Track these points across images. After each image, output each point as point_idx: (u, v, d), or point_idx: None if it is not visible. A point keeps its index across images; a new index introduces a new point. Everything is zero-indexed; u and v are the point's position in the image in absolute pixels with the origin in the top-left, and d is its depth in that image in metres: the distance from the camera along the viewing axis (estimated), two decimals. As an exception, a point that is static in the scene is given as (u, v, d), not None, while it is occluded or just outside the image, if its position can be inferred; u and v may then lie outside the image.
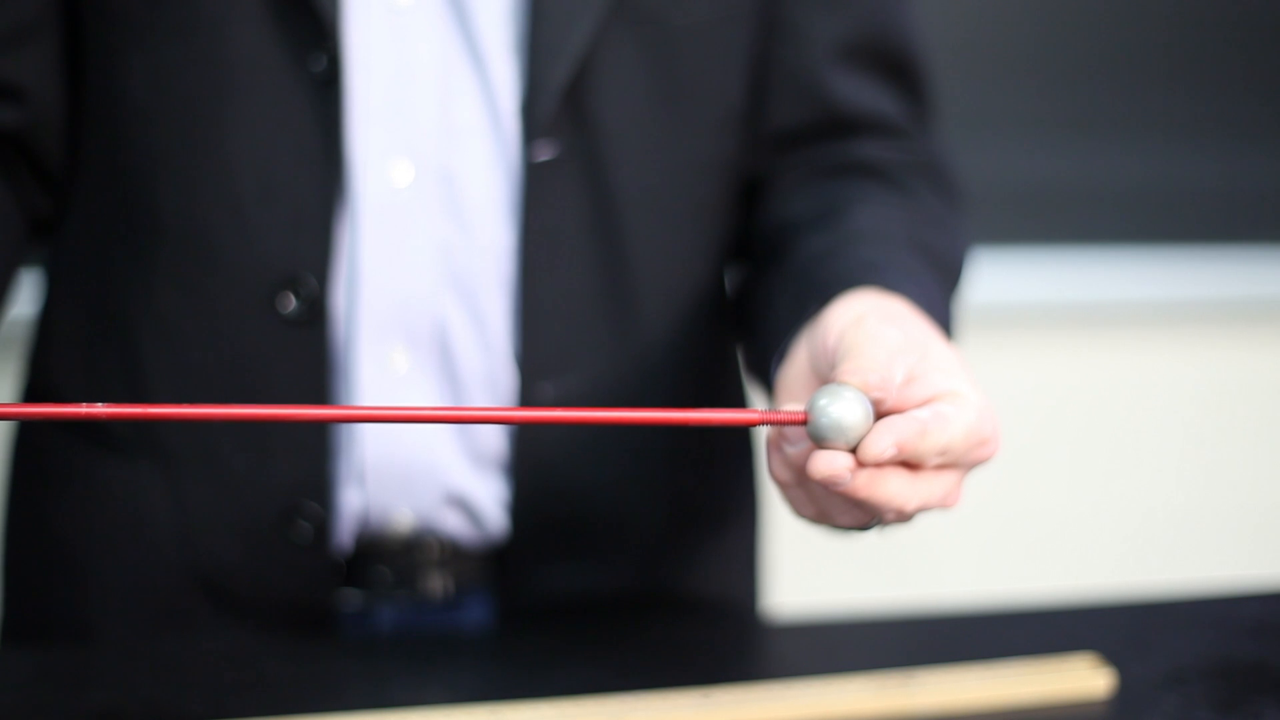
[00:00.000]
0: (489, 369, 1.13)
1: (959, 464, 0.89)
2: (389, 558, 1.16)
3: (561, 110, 1.10)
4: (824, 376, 0.93)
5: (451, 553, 1.17)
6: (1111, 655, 1.06)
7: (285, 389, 1.10)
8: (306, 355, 1.10)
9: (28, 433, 1.23)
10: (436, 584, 1.17)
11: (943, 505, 0.89)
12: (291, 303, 1.10)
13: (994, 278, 2.16)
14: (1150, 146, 2.28)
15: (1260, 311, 2.38)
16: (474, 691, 1.04)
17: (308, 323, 1.10)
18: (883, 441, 0.84)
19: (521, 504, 1.15)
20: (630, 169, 1.13)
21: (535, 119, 1.10)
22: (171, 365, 1.13)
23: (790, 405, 0.93)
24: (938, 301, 1.02)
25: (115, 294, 1.14)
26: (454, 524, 1.16)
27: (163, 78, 1.09)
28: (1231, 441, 2.41)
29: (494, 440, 1.14)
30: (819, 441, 0.84)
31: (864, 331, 0.90)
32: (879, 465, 0.85)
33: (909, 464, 0.87)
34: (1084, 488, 2.39)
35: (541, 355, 1.13)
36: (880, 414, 0.86)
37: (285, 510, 1.13)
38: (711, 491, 1.25)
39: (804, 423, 0.85)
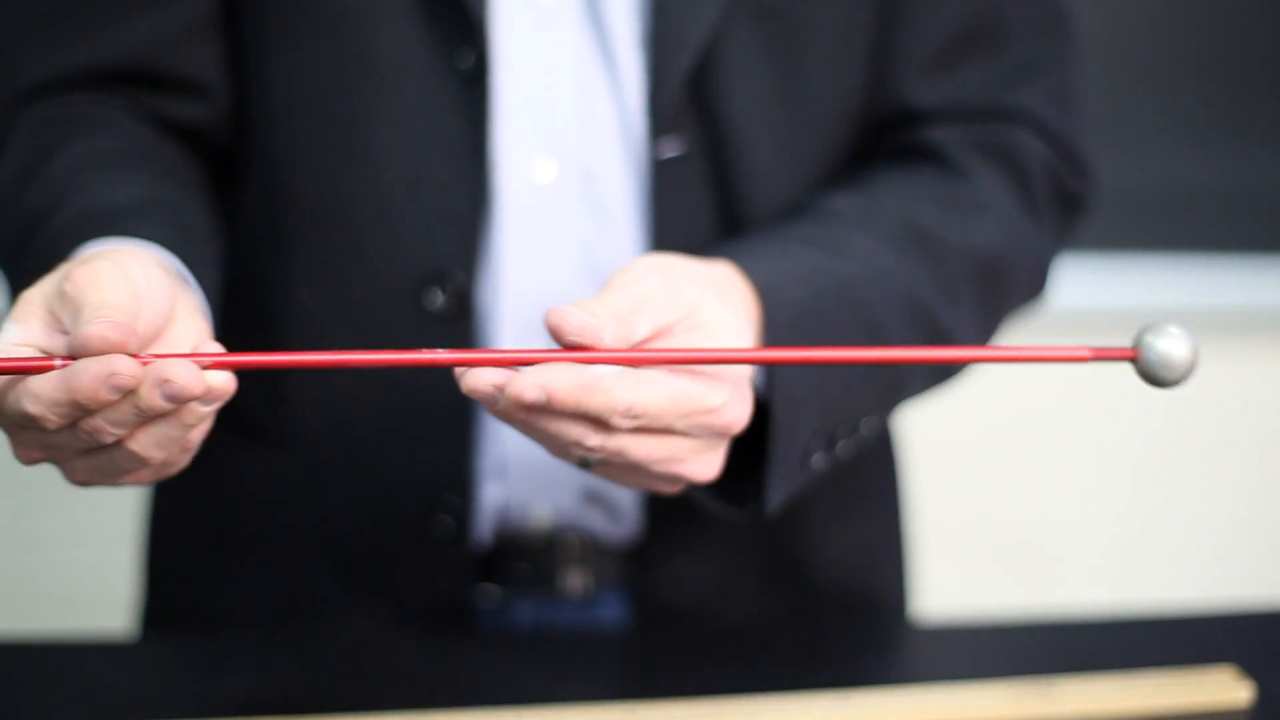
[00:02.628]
0: (627, 366, 1.13)
1: (683, 432, 0.88)
2: (528, 554, 1.16)
3: (685, 105, 1.10)
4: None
5: (591, 549, 1.17)
6: (1251, 667, 1.05)
7: (428, 385, 1.11)
8: (452, 351, 1.11)
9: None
10: (575, 581, 1.17)
11: (692, 475, 0.90)
12: (438, 298, 1.10)
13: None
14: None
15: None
16: (611, 690, 1.04)
17: (454, 318, 1.10)
18: (526, 381, 0.82)
19: (660, 501, 1.15)
20: (755, 164, 1.13)
21: (660, 113, 1.09)
22: (314, 359, 1.13)
23: None
24: (832, 284, 1.02)
25: (258, 287, 1.15)
26: (593, 521, 1.16)
27: (310, 74, 1.11)
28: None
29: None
30: (1147, 377, 0.86)
31: (625, 276, 0.90)
32: (520, 407, 0.83)
33: (596, 419, 0.85)
34: (1226, 496, 2.37)
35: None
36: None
37: (426, 503, 1.13)
38: (852, 484, 1.24)
39: (1133, 359, 0.87)
